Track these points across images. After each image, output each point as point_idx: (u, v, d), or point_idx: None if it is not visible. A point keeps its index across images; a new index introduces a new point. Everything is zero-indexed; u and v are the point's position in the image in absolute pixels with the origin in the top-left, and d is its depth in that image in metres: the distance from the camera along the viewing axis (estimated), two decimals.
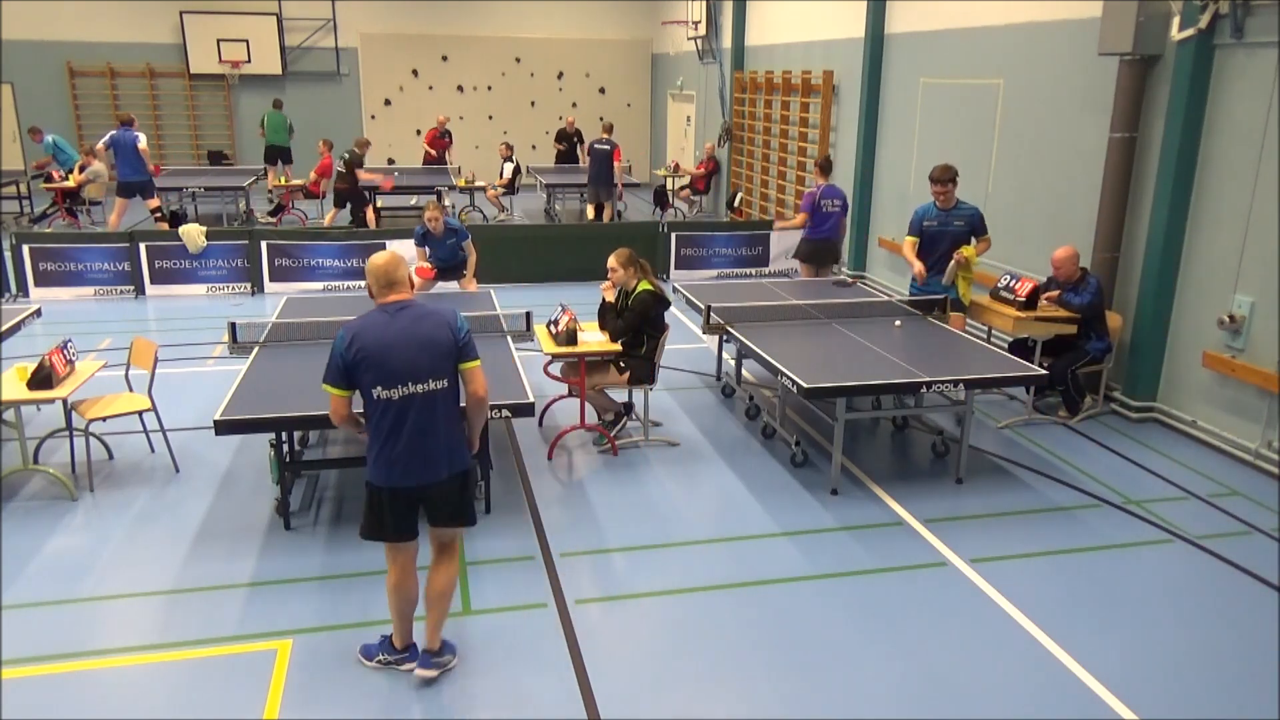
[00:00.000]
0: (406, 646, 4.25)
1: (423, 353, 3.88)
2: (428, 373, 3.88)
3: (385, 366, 3.83)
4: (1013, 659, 4.36)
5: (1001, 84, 9.18)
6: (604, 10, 20.94)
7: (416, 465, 3.92)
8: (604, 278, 6.74)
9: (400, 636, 4.24)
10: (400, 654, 4.24)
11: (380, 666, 4.24)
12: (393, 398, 3.85)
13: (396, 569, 4.13)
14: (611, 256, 6.56)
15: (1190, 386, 7.16)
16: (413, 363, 3.86)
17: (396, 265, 3.98)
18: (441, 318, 3.97)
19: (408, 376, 3.85)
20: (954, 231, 7.48)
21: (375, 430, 3.92)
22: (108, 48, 18.57)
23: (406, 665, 4.21)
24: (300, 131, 18.37)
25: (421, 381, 3.87)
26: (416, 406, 3.88)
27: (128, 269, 11.02)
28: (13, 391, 5.63)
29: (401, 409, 3.87)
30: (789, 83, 14.07)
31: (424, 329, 3.91)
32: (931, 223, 7.54)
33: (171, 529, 5.48)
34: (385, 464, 3.92)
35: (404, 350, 3.85)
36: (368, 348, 3.83)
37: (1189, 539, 5.54)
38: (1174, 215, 7.07)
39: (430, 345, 3.89)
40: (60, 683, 4.11)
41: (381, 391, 3.85)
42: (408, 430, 3.88)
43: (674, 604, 4.79)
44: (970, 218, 7.52)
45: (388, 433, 3.89)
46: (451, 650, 4.32)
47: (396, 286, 3.96)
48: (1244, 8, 6.45)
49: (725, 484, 6.22)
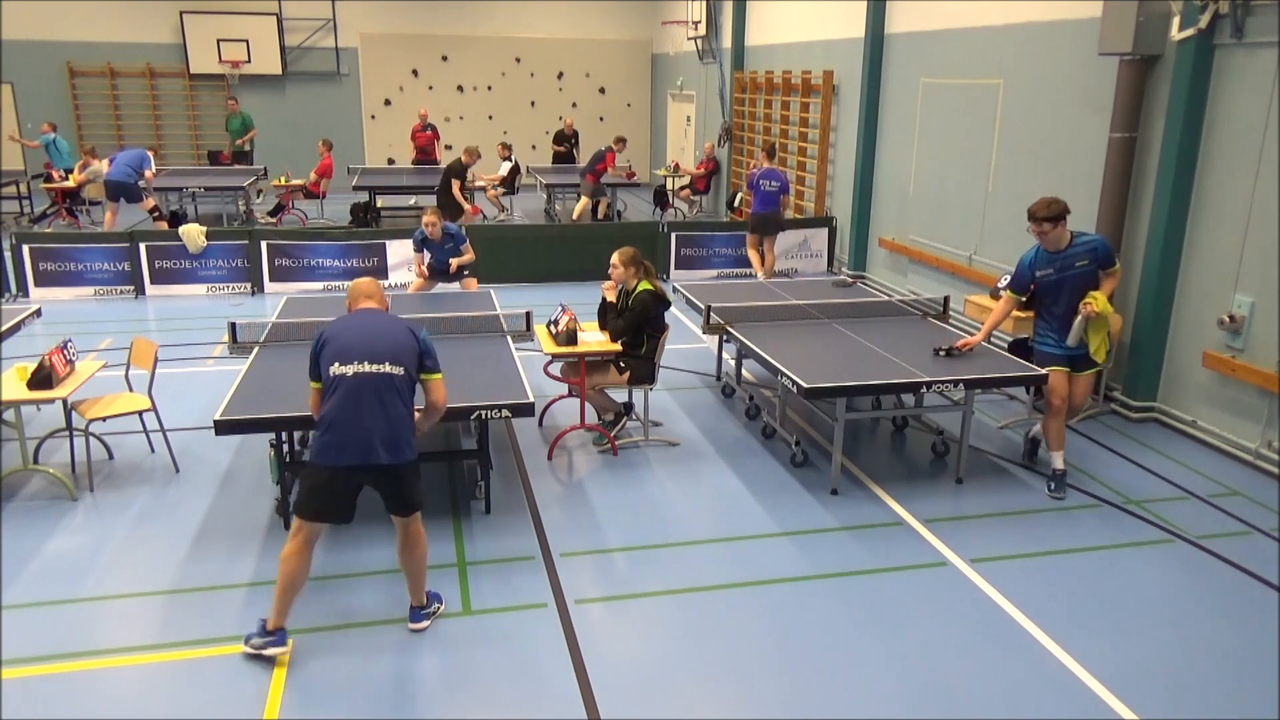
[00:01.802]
0: (276, 629, 4.22)
1: (381, 338, 4.20)
2: (384, 355, 4.15)
3: (342, 344, 4.16)
4: (1013, 659, 4.36)
5: (1001, 84, 9.18)
6: (604, 10, 20.94)
7: (353, 444, 4.07)
8: (604, 277, 6.74)
9: (274, 616, 4.22)
10: (268, 636, 4.22)
11: (252, 650, 4.21)
12: (346, 374, 4.10)
13: (294, 543, 4.18)
14: (615, 254, 6.56)
15: (1190, 386, 7.16)
16: (370, 344, 4.16)
17: (377, 285, 4.51)
18: (406, 323, 4.35)
19: (364, 355, 4.13)
20: (1077, 275, 5.86)
21: (325, 410, 4.11)
22: (108, 48, 18.57)
23: (271, 649, 4.19)
24: (300, 132, 18.37)
25: (377, 362, 4.12)
26: (369, 387, 4.09)
27: (128, 269, 11.03)
28: (13, 391, 5.63)
29: (353, 387, 4.08)
30: (789, 83, 14.07)
31: (387, 322, 4.32)
32: (1046, 271, 5.91)
33: (171, 529, 5.48)
34: (327, 433, 4.10)
35: (363, 332, 4.21)
36: (331, 332, 4.24)
37: (1189, 539, 5.54)
38: (1174, 215, 7.07)
39: (389, 335, 4.23)
40: (60, 683, 4.11)
41: (337, 367, 4.12)
42: (355, 409, 4.07)
43: (674, 604, 4.79)
44: (1094, 251, 5.88)
45: (335, 410, 4.08)
46: (438, 599, 4.58)
47: (371, 299, 4.44)
48: (1244, 8, 6.46)
49: (725, 484, 6.22)
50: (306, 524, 4.18)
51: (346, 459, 4.08)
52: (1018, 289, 6.13)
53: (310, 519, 4.18)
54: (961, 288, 9.72)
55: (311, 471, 4.18)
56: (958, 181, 10.01)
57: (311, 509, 4.17)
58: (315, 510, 4.17)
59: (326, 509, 4.19)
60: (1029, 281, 6.03)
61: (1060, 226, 5.79)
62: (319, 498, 4.15)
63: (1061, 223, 5.79)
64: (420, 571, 4.46)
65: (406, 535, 4.39)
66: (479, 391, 5.48)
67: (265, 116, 19.66)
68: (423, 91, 20.41)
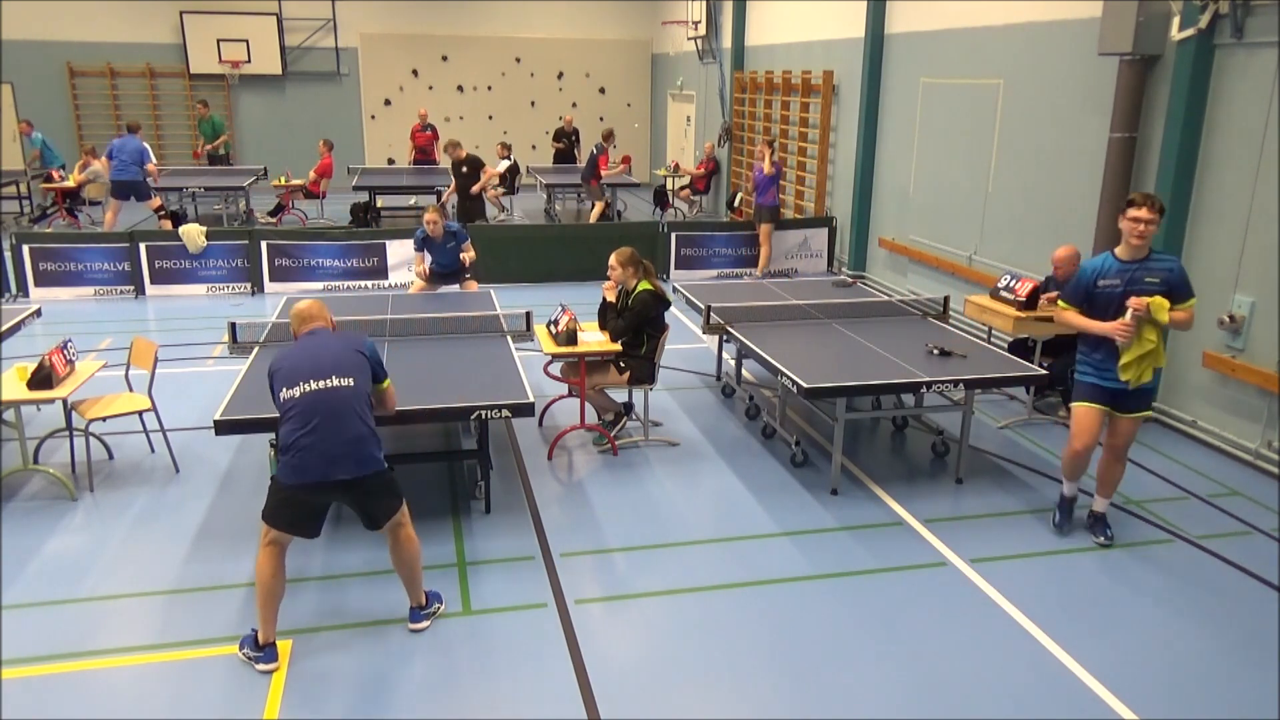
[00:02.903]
0: (265, 645, 4.20)
1: (324, 353, 4.23)
2: (329, 369, 4.16)
3: (287, 369, 4.18)
4: (1013, 659, 4.36)
5: (1001, 84, 9.18)
6: (604, 10, 20.94)
7: (313, 462, 4.05)
8: (604, 277, 6.74)
9: (262, 629, 4.20)
10: (256, 652, 4.20)
11: (244, 660, 4.21)
12: (294, 395, 4.11)
13: (267, 552, 4.16)
14: (613, 255, 6.57)
15: (1190, 386, 7.16)
16: (314, 362, 4.18)
17: (322, 307, 4.51)
18: (349, 336, 4.41)
19: (309, 374, 4.14)
20: (1144, 293, 5.00)
21: (283, 434, 4.13)
22: (108, 48, 18.57)
23: (262, 665, 4.17)
24: (300, 132, 18.36)
25: (323, 378, 4.13)
26: (322, 404, 4.09)
27: (128, 269, 11.03)
28: (13, 391, 5.63)
29: (306, 407, 4.09)
30: (789, 83, 14.07)
31: (329, 339, 4.34)
32: (1112, 282, 5.07)
33: (171, 529, 5.48)
34: (289, 465, 4.09)
35: (305, 354, 4.24)
36: (276, 362, 4.26)
37: (1189, 539, 5.54)
38: (1174, 215, 7.06)
39: (331, 350, 4.25)
40: (60, 683, 4.11)
41: (285, 391, 4.13)
42: (312, 427, 4.06)
43: (674, 604, 4.79)
44: (1170, 272, 5.07)
45: (290, 433, 4.09)
46: (437, 598, 4.59)
47: (313, 321, 4.43)
48: (1244, 8, 6.46)
49: (725, 484, 6.22)
50: (274, 531, 4.17)
51: (309, 477, 4.07)
52: (1075, 300, 5.18)
53: (279, 529, 4.18)
54: (961, 288, 9.72)
55: (278, 487, 4.17)
56: (958, 181, 10.02)
57: (282, 520, 4.17)
58: (285, 522, 4.18)
59: (294, 523, 4.20)
60: (1086, 292, 5.12)
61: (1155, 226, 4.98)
62: (287, 510, 4.17)
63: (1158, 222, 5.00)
64: (414, 573, 4.47)
65: (395, 540, 4.39)
66: (479, 391, 5.48)
67: (265, 116, 19.70)
68: (423, 91, 20.41)
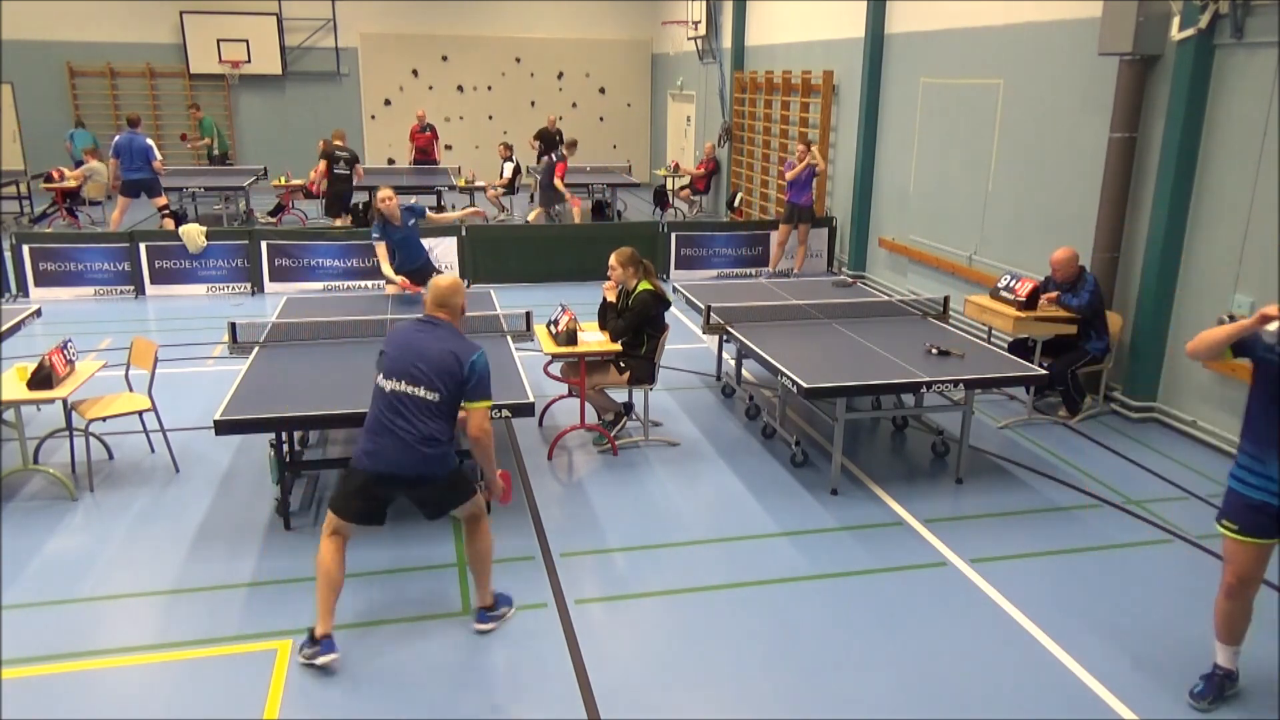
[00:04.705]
0: (322, 637, 4.19)
1: (422, 362, 4.17)
2: (421, 379, 4.16)
3: (391, 356, 4.24)
4: (1013, 659, 4.36)
5: (1001, 84, 9.18)
6: (604, 10, 20.94)
7: (386, 453, 4.16)
8: (604, 277, 6.74)
9: (320, 622, 4.20)
10: (314, 645, 4.19)
11: (303, 660, 4.20)
12: (384, 389, 4.20)
13: (330, 542, 4.23)
14: (613, 255, 6.57)
15: (1190, 386, 7.16)
16: (411, 366, 4.17)
17: (455, 292, 4.35)
18: (459, 347, 4.21)
19: (403, 375, 4.18)
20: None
21: (368, 417, 4.27)
22: (108, 48, 18.57)
23: (320, 659, 4.15)
24: (300, 132, 18.37)
25: (415, 385, 4.16)
26: (405, 406, 4.15)
27: (128, 269, 11.03)
28: (13, 391, 5.63)
29: (391, 402, 4.17)
30: (789, 83, 14.07)
31: (435, 345, 4.20)
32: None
33: (171, 529, 5.48)
34: (362, 442, 4.23)
35: (410, 348, 4.21)
36: (389, 339, 4.34)
37: (1189, 539, 5.54)
38: (1174, 215, 7.07)
39: (431, 360, 4.17)
40: (60, 683, 4.11)
41: (381, 379, 4.24)
42: (390, 423, 4.15)
43: (674, 604, 4.79)
44: None
45: (375, 419, 4.21)
46: (507, 602, 4.62)
47: (444, 309, 4.31)
48: (1244, 8, 6.45)
49: (725, 484, 6.22)
50: (339, 521, 4.25)
51: (378, 467, 4.18)
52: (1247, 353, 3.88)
53: (345, 518, 4.25)
54: (961, 288, 9.72)
55: (350, 474, 4.26)
56: (958, 182, 10.02)
57: (351, 511, 4.25)
58: (354, 513, 4.25)
59: (364, 515, 4.28)
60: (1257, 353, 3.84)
61: None
62: (358, 501, 4.24)
63: None
64: (481, 570, 4.51)
65: (465, 531, 4.52)
66: None
67: (265, 116, 19.71)
68: (423, 91, 20.41)
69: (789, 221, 12.14)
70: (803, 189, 11.96)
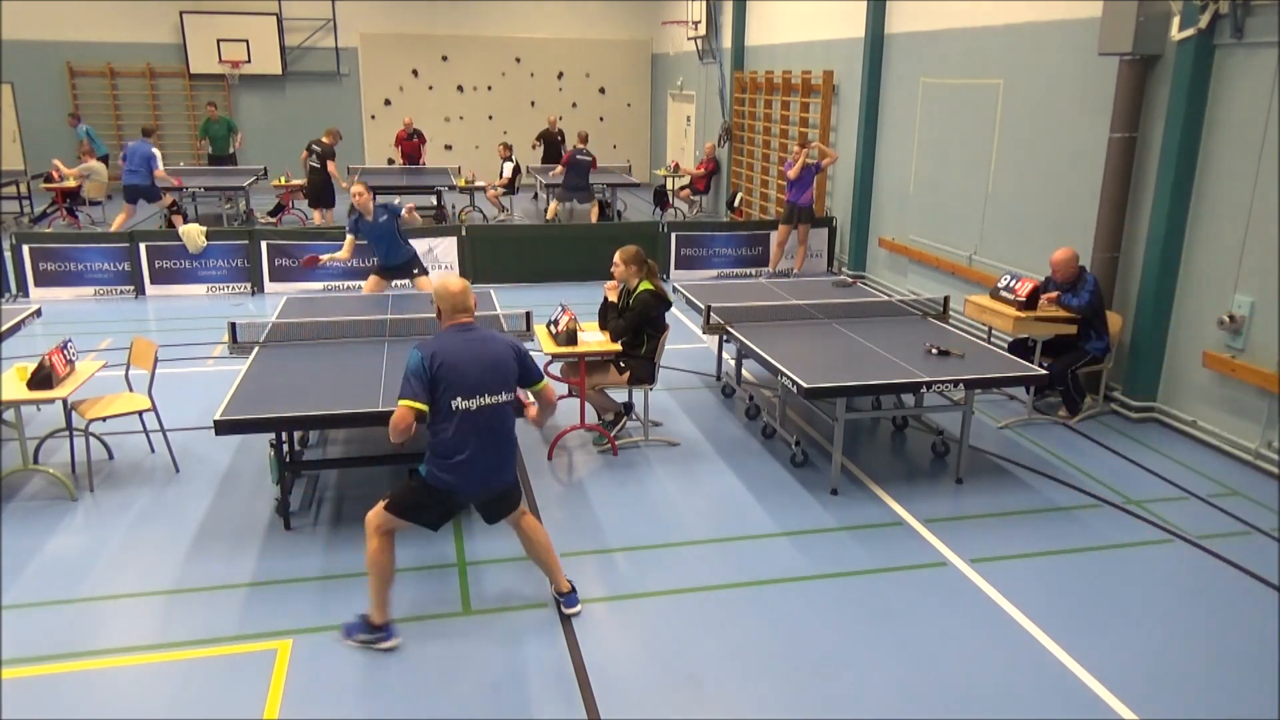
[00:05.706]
0: (383, 625, 4.34)
1: (494, 369, 4.27)
2: (499, 386, 4.29)
3: (465, 380, 4.19)
4: (1013, 659, 4.37)
5: (1001, 84, 9.18)
6: (604, 10, 20.94)
7: (475, 479, 4.29)
8: (604, 277, 6.74)
9: (378, 611, 4.34)
10: (377, 632, 4.34)
11: (358, 645, 4.33)
12: (469, 409, 4.20)
13: (384, 540, 4.32)
14: (618, 252, 6.56)
15: (1190, 386, 7.16)
16: (488, 374, 4.25)
17: (467, 293, 4.37)
18: (506, 341, 4.40)
19: (484, 387, 4.23)
20: None
21: (447, 440, 4.21)
22: (108, 48, 18.57)
23: (385, 644, 4.32)
24: (301, 132, 18.31)
25: (494, 394, 4.27)
26: (486, 418, 4.25)
27: (128, 269, 11.03)
28: (13, 391, 5.63)
29: (475, 420, 4.22)
30: (789, 83, 14.07)
31: (491, 349, 4.30)
32: None
33: (171, 529, 5.48)
34: (451, 470, 4.24)
35: (479, 361, 4.24)
36: (449, 363, 4.17)
37: (1189, 539, 5.54)
38: (1174, 215, 7.07)
39: (496, 364, 4.28)
40: (60, 683, 4.11)
41: (460, 402, 4.19)
42: (478, 442, 4.24)
43: (674, 604, 4.79)
44: None
45: (459, 442, 4.21)
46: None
47: (466, 312, 4.35)
48: (1244, 8, 6.45)
49: (725, 484, 6.22)
50: (398, 521, 4.31)
51: (467, 491, 4.33)
52: None
53: (410, 521, 4.33)
54: (961, 288, 9.72)
55: (426, 489, 4.31)
56: (958, 181, 10.02)
57: (422, 519, 4.36)
58: (425, 521, 4.38)
59: (434, 523, 4.43)
60: None
61: None
62: (430, 513, 4.37)
63: None
64: (548, 561, 4.65)
65: (521, 532, 4.63)
66: None
67: (265, 116, 19.70)
68: (423, 91, 20.41)
69: (789, 221, 12.15)
70: (803, 189, 11.95)
